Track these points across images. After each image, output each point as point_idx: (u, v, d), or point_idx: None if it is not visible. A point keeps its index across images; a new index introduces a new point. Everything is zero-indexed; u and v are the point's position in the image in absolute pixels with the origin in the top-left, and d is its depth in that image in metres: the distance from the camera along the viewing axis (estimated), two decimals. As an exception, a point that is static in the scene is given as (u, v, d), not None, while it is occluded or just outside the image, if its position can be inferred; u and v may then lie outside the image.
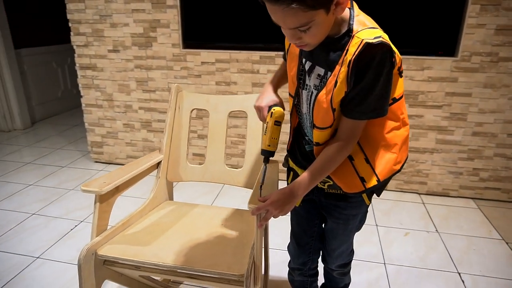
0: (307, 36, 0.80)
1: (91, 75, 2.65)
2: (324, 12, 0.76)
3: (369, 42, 0.77)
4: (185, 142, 1.48)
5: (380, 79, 0.81)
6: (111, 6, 2.44)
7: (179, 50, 2.45)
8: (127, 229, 1.23)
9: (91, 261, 1.08)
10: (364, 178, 0.95)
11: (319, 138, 0.94)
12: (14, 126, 3.68)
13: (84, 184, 1.12)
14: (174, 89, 1.47)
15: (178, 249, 1.12)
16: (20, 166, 2.82)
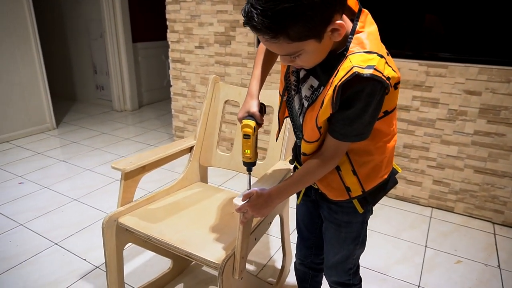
0: (300, 61, 0.79)
1: (180, 67, 3.00)
2: (315, 41, 0.73)
3: (358, 74, 0.72)
4: (217, 130, 1.61)
5: (369, 109, 0.78)
6: (200, 8, 2.73)
7: (254, 49, 2.61)
8: (152, 203, 1.43)
9: (113, 226, 1.30)
10: (349, 188, 0.95)
11: (306, 150, 0.93)
12: (125, 107, 4.36)
13: (114, 163, 1.34)
14: (212, 80, 1.60)
15: (181, 229, 1.26)
16: (120, 140, 3.36)
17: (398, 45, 2.16)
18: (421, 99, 2.15)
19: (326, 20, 0.72)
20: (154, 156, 1.44)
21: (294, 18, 0.68)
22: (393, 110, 0.88)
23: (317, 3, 0.67)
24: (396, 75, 0.80)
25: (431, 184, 2.27)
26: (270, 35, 0.70)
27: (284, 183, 0.97)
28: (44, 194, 2.36)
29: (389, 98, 0.83)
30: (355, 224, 1.04)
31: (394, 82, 0.80)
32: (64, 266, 1.71)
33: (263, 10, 0.67)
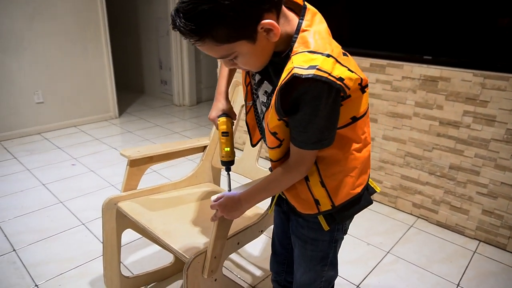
0: (240, 63, 0.76)
1: (227, 67, 3.04)
2: (247, 42, 0.70)
3: (297, 75, 0.66)
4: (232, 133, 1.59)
5: (319, 113, 0.71)
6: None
7: (296, 51, 2.53)
8: (156, 194, 1.46)
9: (113, 209, 1.35)
10: (318, 201, 0.88)
11: (271, 155, 0.89)
12: (183, 102, 4.56)
13: (123, 150, 1.40)
14: (233, 84, 1.59)
15: (170, 221, 1.27)
16: (170, 134, 3.53)
17: (449, 52, 1.91)
18: (474, 114, 1.89)
19: (254, 20, 0.67)
20: (162, 149, 1.47)
21: (215, 20, 0.65)
22: (363, 116, 0.82)
23: (238, 3, 0.63)
24: (355, 76, 0.73)
25: (480, 214, 1.98)
26: (195, 38, 0.68)
27: (252, 189, 0.92)
28: (89, 177, 2.56)
29: (355, 102, 0.78)
30: (321, 242, 0.96)
31: (355, 84, 0.73)
32: (83, 246, 1.84)
33: (184, 13, 0.65)
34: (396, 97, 2.14)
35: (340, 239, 0.98)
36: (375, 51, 2.17)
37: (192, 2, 0.64)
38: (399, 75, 2.10)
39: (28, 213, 2.10)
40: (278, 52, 0.76)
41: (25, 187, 2.40)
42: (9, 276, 1.62)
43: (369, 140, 0.88)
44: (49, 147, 3.09)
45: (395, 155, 2.24)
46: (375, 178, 2.35)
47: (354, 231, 2.05)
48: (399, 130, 2.18)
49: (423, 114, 2.06)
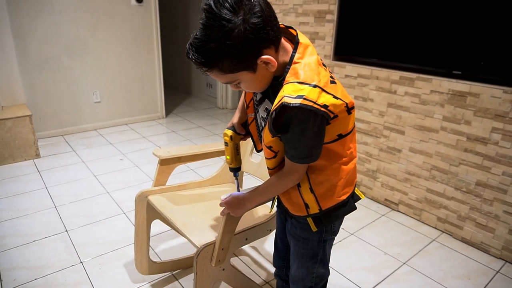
0: (243, 87, 0.90)
1: (265, 74, 3.18)
2: (248, 72, 0.83)
3: (285, 104, 0.79)
4: (254, 140, 1.73)
5: (307, 134, 0.84)
6: (286, 19, 2.85)
7: (329, 61, 2.62)
8: (182, 191, 1.64)
9: (144, 201, 1.55)
10: (308, 205, 1.00)
11: (268, 164, 1.02)
12: (226, 106, 4.78)
13: (155, 149, 1.60)
14: (258, 95, 1.74)
15: (190, 215, 1.44)
16: (209, 135, 3.75)
17: (478, 67, 1.90)
18: (503, 132, 1.86)
19: (253, 56, 0.80)
20: (189, 151, 1.65)
21: (221, 56, 0.78)
22: (349, 133, 0.94)
23: (239, 43, 0.77)
24: (339, 102, 0.85)
25: (507, 234, 1.94)
26: (204, 68, 0.82)
27: (254, 191, 1.07)
28: (133, 172, 2.84)
29: (342, 122, 0.89)
30: (311, 242, 1.07)
31: (340, 108, 0.85)
32: (122, 232, 2.08)
33: (196, 48, 0.79)
34: (424, 111, 2.15)
35: (329, 239, 1.08)
36: (405, 64, 2.20)
37: (202, 40, 0.77)
38: (428, 89, 2.11)
39: (80, 200, 2.40)
40: (277, 76, 0.88)
41: (80, 177, 2.72)
42: (60, 252, 1.90)
43: (354, 154, 0.99)
44: (102, 142, 3.44)
45: (421, 167, 2.24)
46: (400, 189, 2.37)
47: (374, 240, 2.10)
48: (426, 144, 2.19)
49: (451, 128, 2.06)
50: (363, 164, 2.57)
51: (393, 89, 2.28)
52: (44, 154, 3.10)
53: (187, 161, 1.66)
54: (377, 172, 2.49)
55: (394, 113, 2.31)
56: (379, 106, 2.38)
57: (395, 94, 2.28)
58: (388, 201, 2.47)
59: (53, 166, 2.89)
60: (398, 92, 2.26)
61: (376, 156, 2.47)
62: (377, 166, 2.48)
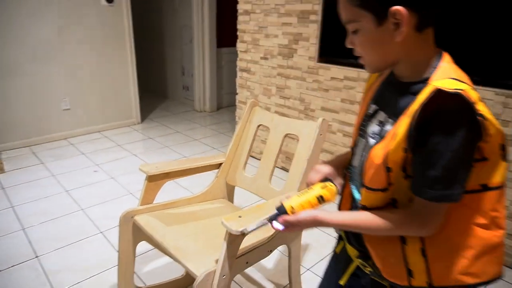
0: (357, 41, 0.72)
1: (246, 77, 3.07)
2: (373, 19, 0.67)
3: (442, 90, 0.60)
4: (247, 152, 1.61)
5: (450, 141, 0.62)
6: (268, 19, 2.75)
7: (314, 63, 2.53)
8: (171, 209, 1.50)
9: (129, 222, 1.40)
10: (412, 272, 0.73)
11: (367, 201, 0.75)
12: (204, 108, 4.63)
13: (142, 165, 1.45)
14: (250, 104, 1.62)
15: (183, 237, 1.30)
16: (189, 141, 3.59)
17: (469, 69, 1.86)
18: (496, 134, 1.83)
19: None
20: (179, 166, 1.52)
21: None
22: (498, 188, 0.68)
23: None
24: (498, 125, 0.63)
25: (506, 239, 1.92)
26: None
27: (342, 219, 0.78)
28: (109, 184, 2.65)
29: (490, 167, 0.67)
30: None
31: (495, 139, 0.64)
32: (100, 254, 1.90)
33: None
34: (415, 113, 2.11)
35: None
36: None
37: None
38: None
39: (51, 220, 2.20)
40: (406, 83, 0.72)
41: (50, 193, 2.51)
42: (31, 283, 1.70)
43: (502, 225, 0.71)
44: (74, 152, 3.21)
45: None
46: None
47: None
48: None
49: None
50: (351, 168, 2.50)
51: (382, 91, 2.22)
52: (8, 169, 2.85)
53: (177, 176, 1.52)
54: (367, 176, 2.43)
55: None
56: (367, 108, 2.32)
57: (384, 96, 2.22)
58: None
59: (19, 181, 2.65)
60: (387, 94, 2.20)
61: (365, 160, 2.41)
62: (367, 170, 2.42)
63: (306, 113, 2.68)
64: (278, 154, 1.52)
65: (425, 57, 0.70)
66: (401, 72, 0.75)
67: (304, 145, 1.40)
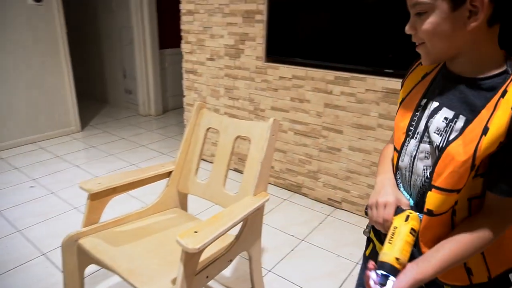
0: (423, 26, 0.67)
1: (193, 78, 2.99)
2: (448, 5, 0.63)
3: None
4: (197, 157, 1.56)
5: None
6: (212, 19, 2.69)
7: (262, 63, 2.52)
8: (120, 226, 1.41)
9: (73, 247, 1.29)
10: (471, 270, 0.73)
11: (436, 205, 0.70)
12: (149, 112, 4.45)
13: (82, 182, 1.33)
14: (197, 106, 1.56)
15: (136, 257, 1.22)
16: (135, 147, 3.43)
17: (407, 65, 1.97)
18: (434, 126, 1.95)
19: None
20: (125, 179, 1.42)
21: None
22: None
23: None
24: None
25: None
26: None
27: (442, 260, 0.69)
28: (49, 200, 2.44)
29: None
30: None
31: None
32: (44, 280, 1.74)
33: None
34: (361, 109, 2.18)
35: None
36: (339, 64, 2.20)
37: None
38: (363, 88, 2.14)
39: (-17, 245, 1.97)
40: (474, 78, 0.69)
41: (-21, 215, 2.25)
42: (-38, 320, 1.51)
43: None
44: (5, 167, 2.91)
45: (361, 165, 2.28)
46: (342, 187, 2.39)
47: (324, 243, 2.07)
48: (364, 141, 2.22)
49: (387, 125, 2.11)
50: (303, 166, 2.53)
51: (329, 89, 2.27)
52: None
53: (124, 190, 1.42)
54: (319, 173, 2.48)
55: (331, 113, 2.31)
56: (316, 106, 2.36)
57: (331, 94, 2.27)
58: (331, 200, 2.47)
59: None
60: (334, 92, 2.26)
61: (316, 156, 2.46)
62: (318, 167, 2.47)
63: (256, 113, 2.67)
64: (230, 157, 1.48)
65: (491, 53, 0.68)
66: (461, 67, 0.71)
67: (256, 147, 1.37)
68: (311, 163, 2.49)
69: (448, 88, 0.73)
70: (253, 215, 1.33)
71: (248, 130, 1.43)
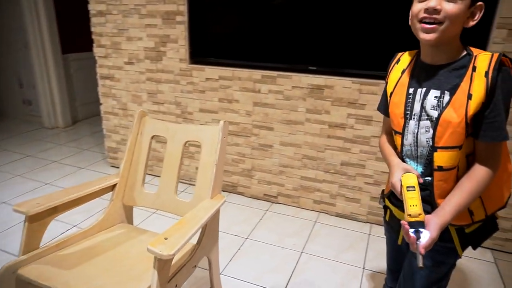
0: (449, 9, 0.82)
1: (109, 84, 2.80)
2: (470, 2, 0.83)
3: (504, 55, 0.84)
4: (143, 167, 1.48)
5: (509, 92, 0.85)
6: (128, 21, 2.55)
7: (186, 65, 2.49)
8: (64, 249, 1.27)
9: (12, 279, 1.13)
10: (472, 211, 0.95)
11: (444, 161, 0.90)
12: (56, 124, 4.02)
13: (17, 204, 1.17)
14: (138, 115, 1.49)
15: (93, 278, 1.12)
16: (47, 164, 3.07)
17: (330, 62, 2.14)
18: (356, 116, 2.16)
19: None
20: (67, 197, 1.29)
21: None
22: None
23: None
24: None
25: (369, 201, 2.29)
26: None
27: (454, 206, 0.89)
28: None
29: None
30: (444, 266, 1.02)
31: None
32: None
33: None
34: (289, 106, 2.30)
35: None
36: (265, 63, 2.29)
37: None
38: (289, 85, 2.26)
39: None
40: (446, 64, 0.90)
41: None
42: None
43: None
44: None
45: (293, 158, 2.40)
46: (277, 182, 2.49)
47: (268, 238, 2.14)
48: (294, 136, 2.35)
49: (314, 119, 2.26)
50: (237, 165, 2.57)
51: (257, 88, 2.34)
52: None
53: (67, 209, 1.29)
54: (253, 170, 2.54)
55: (261, 111, 2.38)
56: (245, 106, 2.42)
57: (259, 93, 2.35)
58: (268, 196, 2.56)
59: None
60: (262, 90, 2.34)
61: (249, 155, 2.52)
62: (252, 164, 2.53)
63: (184, 116, 2.62)
64: (181, 164, 1.44)
65: (458, 44, 0.90)
66: (438, 56, 0.91)
67: (209, 151, 1.37)
68: (245, 161, 2.55)
69: (429, 75, 0.93)
70: (211, 220, 1.32)
71: (198, 134, 1.41)
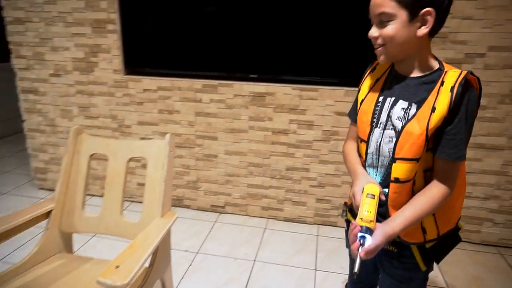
0: (384, 32, 0.85)
1: (33, 99, 2.54)
2: (407, 16, 0.82)
3: (471, 73, 0.83)
4: (82, 189, 1.36)
5: (470, 117, 0.85)
6: (52, 29, 2.35)
7: (121, 76, 2.35)
8: (-8, 292, 1.11)
9: None
10: (425, 229, 0.94)
11: (401, 172, 0.89)
12: (-33, 146, 3.56)
13: None
14: (73, 132, 1.36)
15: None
16: (-40, 191, 2.70)
17: (270, 69, 2.17)
18: (297, 122, 2.21)
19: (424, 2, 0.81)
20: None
21: None
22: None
23: None
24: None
25: (315, 203, 2.35)
26: None
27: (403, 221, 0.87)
28: None
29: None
30: (415, 281, 1.01)
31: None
32: None
33: None
34: (231, 114, 2.28)
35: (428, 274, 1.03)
36: (206, 72, 2.25)
37: None
38: (231, 94, 2.24)
39: None
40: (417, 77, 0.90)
41: None
42: None
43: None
44: None
45: (238, 167, 2.39)
46: (224, 192, 2.45)
47: (219, 250, 2.09)
48: (239, 144, 2.33)
49: (257, 126, 2.27)
50: (182, 178, 2.49)
51: (198, 97, 2.29)
52: None
53: (-8, 246, 1.12)
54: (198, 182, 2.47)
55: (203, 121, 2.33)
56: (186, 116, 2.35)
57: (201, 102, 2.30)
58: (215, 206, 2.51)
59: None
60: (203, 100, 2.29)
61: (194, 166, 2.45)
62: (197, 176, 2.46)
63: (122, 130, 2.47)
64: (125, 182, 1.35)
65: (428, 57, 0.90)
66: (408, 69, 0.91)
67: (155, 166, 1.29)
68: (190, 173, 2.47)
69: (400, 86, 0.93)
70: (163, 240, 1.24)
71: (142, 150, 1.33)
